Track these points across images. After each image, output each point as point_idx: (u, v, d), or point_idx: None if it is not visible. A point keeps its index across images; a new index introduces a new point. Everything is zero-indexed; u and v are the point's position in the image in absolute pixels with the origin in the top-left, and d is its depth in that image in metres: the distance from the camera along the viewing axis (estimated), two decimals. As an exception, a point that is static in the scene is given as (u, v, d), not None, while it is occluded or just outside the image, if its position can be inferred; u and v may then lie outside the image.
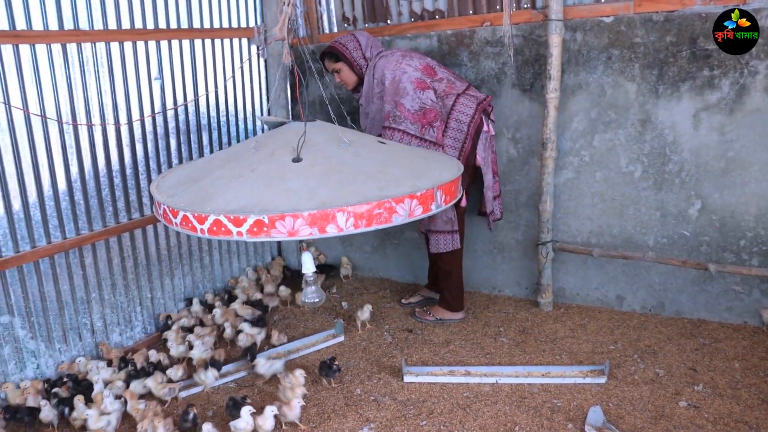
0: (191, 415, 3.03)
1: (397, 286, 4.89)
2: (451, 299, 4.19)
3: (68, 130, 3.53)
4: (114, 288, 3.91)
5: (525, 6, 4.02)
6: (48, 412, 3.14)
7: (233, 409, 3.00)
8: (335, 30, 4.83)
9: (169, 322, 4.06)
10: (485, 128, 3.87)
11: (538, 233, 4.18)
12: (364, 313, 4.05)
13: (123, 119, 3.80)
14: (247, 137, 4.76)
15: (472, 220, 4.50)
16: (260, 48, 4.63)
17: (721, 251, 3.78)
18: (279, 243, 5.29)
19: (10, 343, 3.42)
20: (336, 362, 3.41)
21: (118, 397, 3.24)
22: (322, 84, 4.37)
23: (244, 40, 4.60)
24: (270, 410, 2.94)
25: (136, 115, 3.88)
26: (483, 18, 4.17)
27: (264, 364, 3.49)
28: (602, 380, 3.33)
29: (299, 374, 3.22)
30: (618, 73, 3.82)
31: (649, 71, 3.74)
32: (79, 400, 3.14)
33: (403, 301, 4.54)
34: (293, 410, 3.01)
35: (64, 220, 3.59)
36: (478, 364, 3.62)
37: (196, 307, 4.23)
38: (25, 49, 3.29)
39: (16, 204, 3.37)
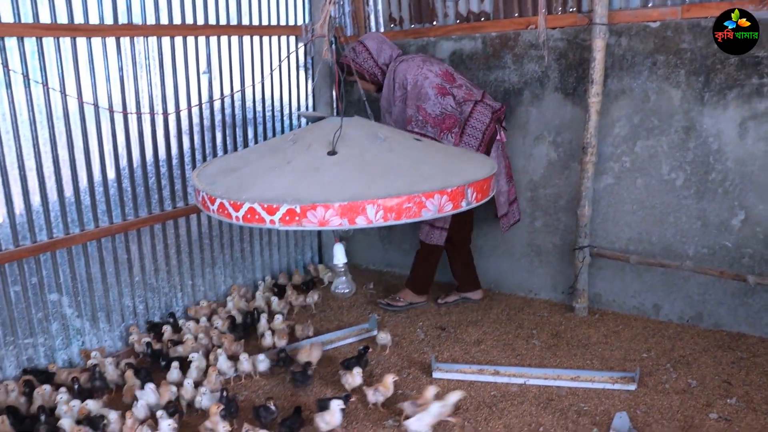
0: (272, 408, 3.01)
1: (433, 284, 4.90)
2: (420, 284, 4.49)
3: (119, 120, 3.69)
4: (157, 273, 4.05)
5: (571, 9, 4.01)
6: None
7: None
8: (382, 30, 4.89)
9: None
10: (498, 136, 4.01)
11: (576, 238, 4.15)
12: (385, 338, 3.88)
13: (171, 110, 3.94)
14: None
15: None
16: (306, 45, 4.72)
17: (764, 264, 3.69)
18: (320, 242, 5.37)
19: (58, 320, 3.58)
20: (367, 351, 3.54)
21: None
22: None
23: (292, 38, 4.70)
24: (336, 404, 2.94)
25: (184, 107, 4.02)
26: (528, 21, 4.17)
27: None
28: (632, 387, 3.30)
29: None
30: (663, 79, 3.77)
31: (695, 78, 3.69)
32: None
33: (439, 300, 4.57)
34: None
35: (112, 205, 3.74)
36: (508, 364, 3.62)
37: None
38: (81, 42, 3.45)
39: (68, 189, 3.54)
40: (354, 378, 3.25)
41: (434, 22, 4.61)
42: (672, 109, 3.78)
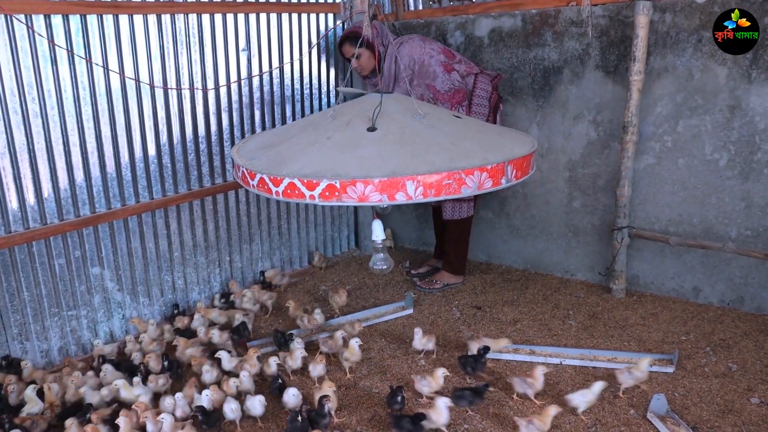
0: (399, 397, 2.94)
1: (469, 264, 4.88)
2: (457, 263, 4.50)
3: (159, 97, 3.73)
4: (195, 249, 4.11)
5: (613, -15, 3.93)
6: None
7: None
8: (420, 7, 4.85)
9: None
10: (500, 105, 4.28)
11: (615, 218, 4.10)
12: (341, 297, 4.07)
13: (210, 87, 3.97)
14: (328, 110, 4.87)
15: (548, 203, 4.47)
16: (345, 22, 4.70)
17: (809, 247, 3.61)
18: (356, 221, 5.37)
19: (100, 293, 3.67)
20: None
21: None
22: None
23: (330, 15, 4.69)
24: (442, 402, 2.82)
25: (223, 84, 4.04)
26: (569, -3, 4.10)
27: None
28: (670, 370, 3.26)
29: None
30: (708, 57, 3.68)
31: (742, 55, 3.58)
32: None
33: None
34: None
35: (152, 181, 3.80)
36: (544, 344, 3.61)
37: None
38: (123, 19, 3.49)
39: (110, 165, 3.60)
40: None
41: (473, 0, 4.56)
42: (717, 87, 3.69)
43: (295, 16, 4.41)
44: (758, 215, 3.71)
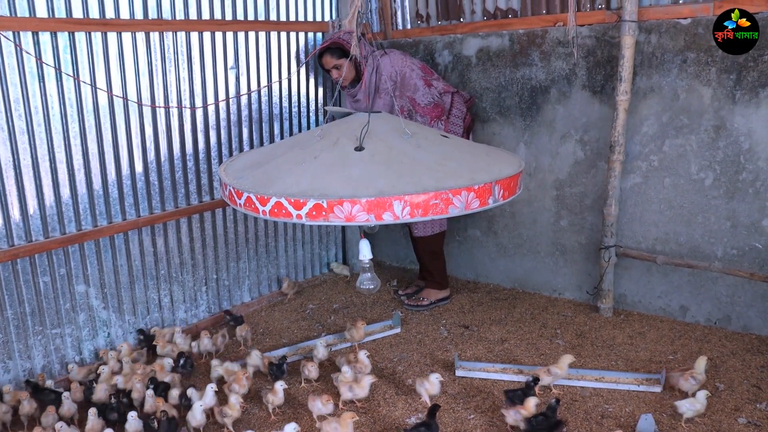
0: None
1: (456, 282, 4.90)
2: (439, 277, 4.52)
3: (147, 114, 3.72)
4: (182, 267, 4.09)
5: (599, 6, 3.97)
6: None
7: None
8: (408, 27, 4.88)
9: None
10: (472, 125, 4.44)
11: (602, 237, 4.11)
12: (359, 332, 3.78)
13: (199, 105, 3.97)
14: (316, 129, 4.88)
15: (535, 222, 4.48)
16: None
17: (794, 266, 3.64)
18: (344, 239, 5.37)
19: (85, 311, 3.64)
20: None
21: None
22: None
23: (319, 34, 4.71)
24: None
25: (211, 102, 4.05)
26: (556, 18, 4.14)
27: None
28: (657, 389, 3.26)
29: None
30: (693, 77, 3.72)
31: (726, 76, 3.63)
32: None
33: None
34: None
35: (139, 199, 3.79)
36: (532, 363, 3.60)
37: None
38: (112, 36, 3.50)
39: (97, 182, 3.58)
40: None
41: (461, 19, 4.60)
42: (702, 107, 3.73)
43: (283, 34, 4.43)
44: (743, 234, 3.74)
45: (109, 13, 3.45)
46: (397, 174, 2.48)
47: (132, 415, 2.89)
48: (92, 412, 2.95)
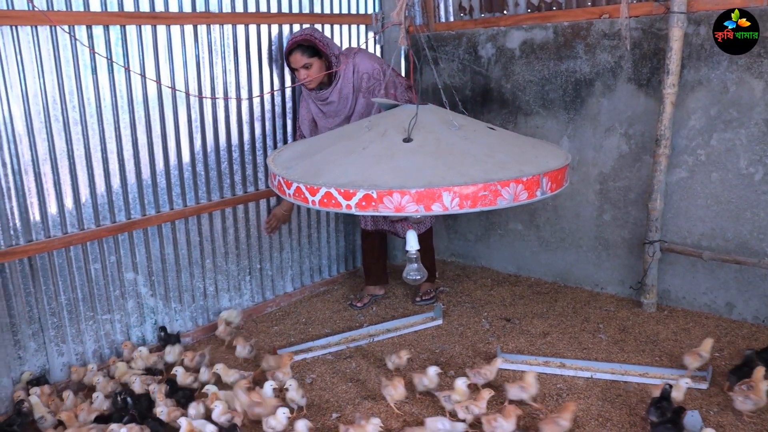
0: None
1: (498, 276, 4.89)
2: (433, 269, 4.60)
3: (194, 105, 3.79)
4: (226, 256, 4.16)
5: (647, -2, 3.92)
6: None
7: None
8: (451, 19, 4.87)
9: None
10: None
11: (646, 232, 4.07)
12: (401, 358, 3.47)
13: (244, 96, 4.02)
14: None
15: (578, 216, 4.45)
16: (377, 34, 4.75)
17: None
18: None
19: (134, 298, 3.73)
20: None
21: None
22: (437, 71, 4.42)
23: (362, 27, 4.73)
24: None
25: (256, 94, 4.10)
26: (602, 10, 4.09)
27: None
28: (704, 386, 3.22)
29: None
30: (744, 70, 3.65)
31: (778, 68, 3.56)
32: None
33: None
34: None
35: (186, 189, 3.86)
36: (575, 357, 3.59)
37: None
38: (161, 29, 3.56)
39: (146, 172, 3.66)
40: None
41: (504, 11, 4.57)
42: (753, 100, 3.65)
43: (327, 27, 4.45)
44: (794, 231, 3.67)
45: (159, 7, 3.52)
46: (446, 165, 2.48)
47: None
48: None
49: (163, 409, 2.98)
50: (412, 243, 2.81)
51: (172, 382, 3.25)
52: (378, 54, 4.89)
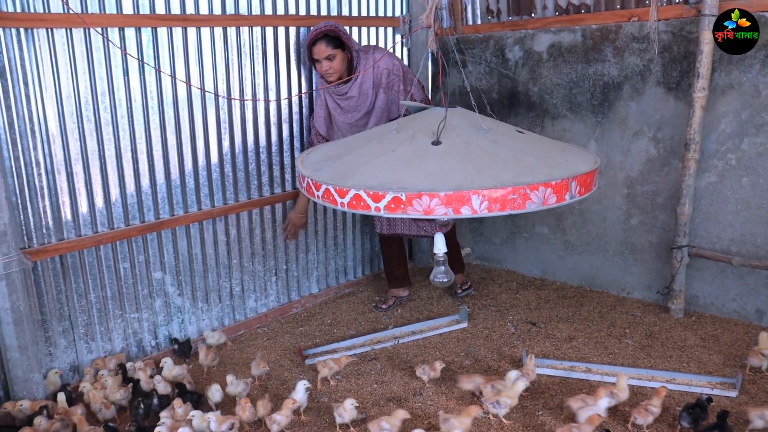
0: None
1: (523, 279, 4.88)
2: (462, 261, 4.73)
3: (223, 107, 3.83)
4: (253, 256, 4.19)
5: (676, 1, 3.88)
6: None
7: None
8: (479, 22, 4.87)
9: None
10: None
11: (674, 237, 4.03)
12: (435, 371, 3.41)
13: (272, 98, 4.06)
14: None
15: (605, 220, 4.42)
16: (404, 37, 4.75)
17: None
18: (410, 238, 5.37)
19: (161, 297, 3.77)
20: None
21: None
22: (465, 73, 4.42)
23: (390, 29, 4.74)
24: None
25: (284, 96, 4.13)
26: (630, 13, 4.06)
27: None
28: (732, 394, 3.18)
29: None
30: (776, 74, 3.61)
31: (810, 72, 3.51)
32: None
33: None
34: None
35: (214, 189, 3.89)
36: (601, 362, 3.56)
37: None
38: (192, 31, 3.60)
39: (175, 172, 3.71)
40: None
41: (532, 14, 4.56)
42: (785, 105, 3.61)
43: (355, 29, 4.47)
44: (827, 237, 3.61)
45: (190, 9, 3.56)
46: (474, 168, 2.48)
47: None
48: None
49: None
50: (440, 246, 2.81)
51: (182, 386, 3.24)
52: (405, 57, 4.91)
